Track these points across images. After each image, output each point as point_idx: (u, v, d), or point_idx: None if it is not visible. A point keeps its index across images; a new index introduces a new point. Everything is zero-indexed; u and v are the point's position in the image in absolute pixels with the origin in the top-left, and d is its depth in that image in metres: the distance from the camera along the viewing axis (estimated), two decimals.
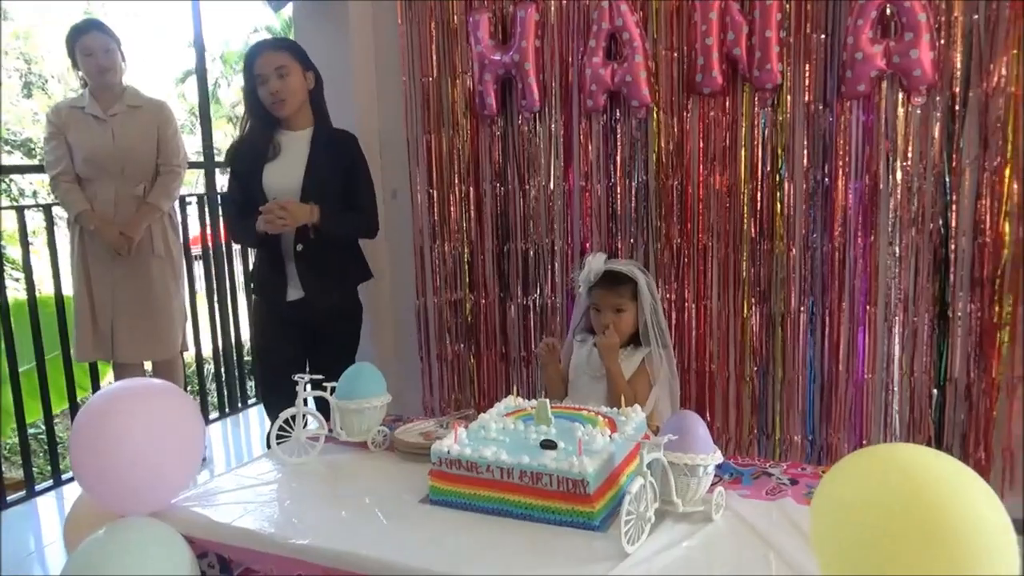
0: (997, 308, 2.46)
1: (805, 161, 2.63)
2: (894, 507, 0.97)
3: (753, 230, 2.73)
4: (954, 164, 2.46)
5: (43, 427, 3.44)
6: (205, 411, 4.12)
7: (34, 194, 12.64)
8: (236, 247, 4.26)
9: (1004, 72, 2.37)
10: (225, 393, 4.26)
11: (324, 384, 1.86)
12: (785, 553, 1.29)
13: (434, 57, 3.13)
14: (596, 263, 2.16)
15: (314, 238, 2.48)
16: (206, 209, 4.03)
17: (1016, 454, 2.49)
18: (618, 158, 2.89)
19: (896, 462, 1.05)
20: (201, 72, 4.02)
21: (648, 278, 2.17)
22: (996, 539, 0.97)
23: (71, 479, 3.34)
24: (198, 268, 4.25)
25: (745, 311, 2.79)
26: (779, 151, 2.66)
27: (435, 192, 3.20)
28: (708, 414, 2.87)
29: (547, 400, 1.66)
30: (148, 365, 3.41)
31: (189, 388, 4.11)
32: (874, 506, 1.00)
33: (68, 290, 3.31)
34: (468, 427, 1.65)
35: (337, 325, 2.61)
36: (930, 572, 0.94)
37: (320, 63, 2.61)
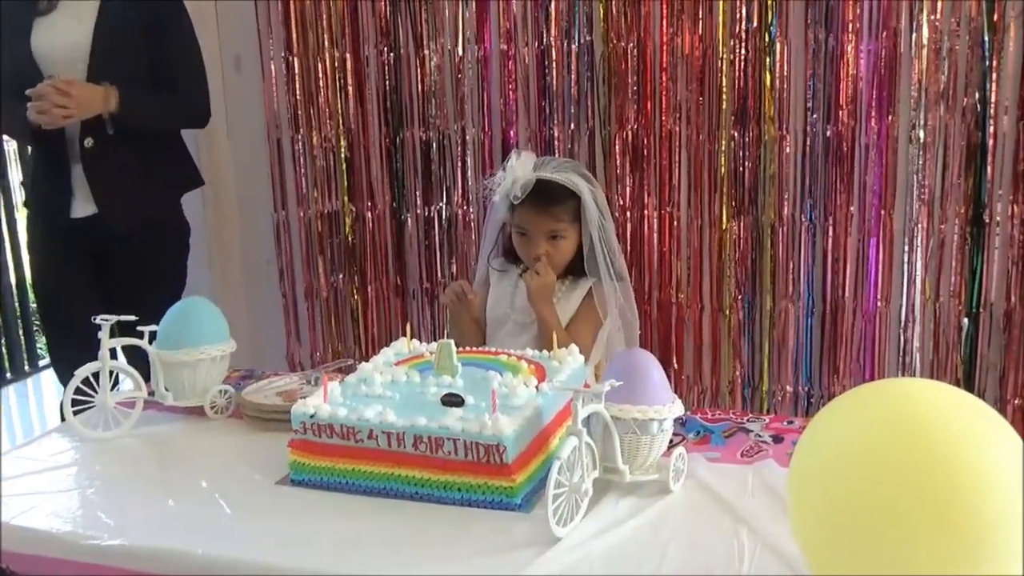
0: None
1: (803, 14, 2.67)
2: (888, 450, 1.03)
3: (734, 110, 2.77)
4: (996, 17, 2.53)
5: None
6: None
7: None
8: (10, 145, 4.08)
9: None
10: (3, 353, 4.16)
11: (139, 328, 1.83)
12: (761, 529, 1.36)
13: None
14: (523, 171, 2.12)
15: (111, 132, 2.40)
16: None
17: None
18: (552, 10, 2.86)
19: (896, 397, 1.11)
20: None
21: (595, 188, 2.17)
22: (1016, 501, 1.03)
23: None
24: None
25: (724, 221, 2.85)
26: (769, 0, 2.68)
27: (296, 60, 3.13)
28: (675, 359, 2.96)
29: (451, 342, 1.68)
30: None
31: None
32: (860, 452, 1.05)
33: None
34: (344, 381, 1.65)
35: (149, 251, 2.57)
36: (926, 538, 1.01)
37: None
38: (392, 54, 3.06)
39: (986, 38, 2.55)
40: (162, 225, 2.61)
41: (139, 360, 1.89)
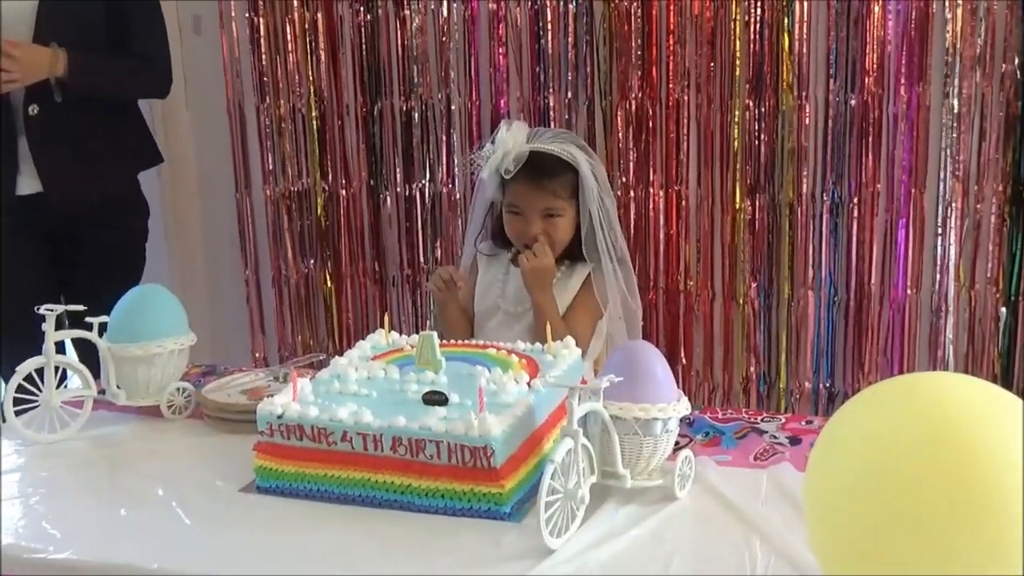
0: None
1: None
2: (914, 452, 1.03)
3: (749, 76, 2.77)
4: None
5: None
6: None
7: None
8: None
9: None
10: None
11: (88, 319, 1.83)
12: (776, 538, 1.37)
13: None
14: (515, 142, 2.11)
15: (60, 99, 2.40)
16: None
17: None
18: None
19: (924, 393, 1.11)
20: None
21: (593, 161, 2.18)
22: None
23: None
24: None
25: (737, 200, 2.86)
26: None
27: (262, 21, 3.12)
28: (682, 353, 2.97)
29: (434, 334, 1.68)
30: None
31: None
32: (882, 454, 1.06)
33: None
34: (315, 378, 1.66)
35: (104, 234, 2.57)
36: (954, 548, 1.01)
37: None
38: (369, 14, 3.05)
39: None
40: (118, 205, 2.61)
41: (89, 355, 1.89)
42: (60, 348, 1.81)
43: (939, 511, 1.03)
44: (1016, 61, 2.59)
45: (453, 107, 3.05)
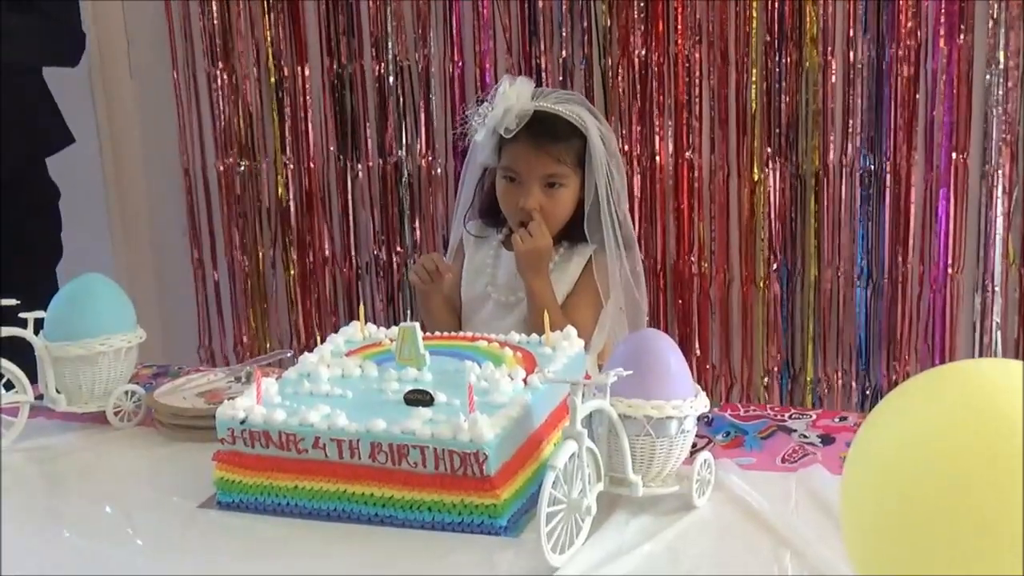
0: None
1: None
2: (964, 451, 1.03)
3: (768, 30, 2.77)
4: None
5: None
6: None
7: None
8: None
9: None
10: None
11: (21, 314, 1.82)
12: (808, 552, 1.36)
13: None
14: (519, 97, 2.12)
15: None
16: None
17: None
18: None
19: (974, 383, 1.11)
20: None
21: (604, 127, 2.18)
22: None
23: None
24: None
25: (756, 170, 2.86)
26: None
27: None
28: (696, 343, 2.97)
29: (416, 325, 1.68)
30: None
31: None
32: (928, 454, 1.06)
33: None
34: (282, 377, 1.65)
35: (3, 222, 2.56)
36: (1012, 560, 1.01)
37: None
38: None
39: None
40: (15, 191, 2.60)
41: (23, 355, 1.88)
42: None
43: (991, 514, 1.03)
44: None
45: (432, 69, 3.04)
